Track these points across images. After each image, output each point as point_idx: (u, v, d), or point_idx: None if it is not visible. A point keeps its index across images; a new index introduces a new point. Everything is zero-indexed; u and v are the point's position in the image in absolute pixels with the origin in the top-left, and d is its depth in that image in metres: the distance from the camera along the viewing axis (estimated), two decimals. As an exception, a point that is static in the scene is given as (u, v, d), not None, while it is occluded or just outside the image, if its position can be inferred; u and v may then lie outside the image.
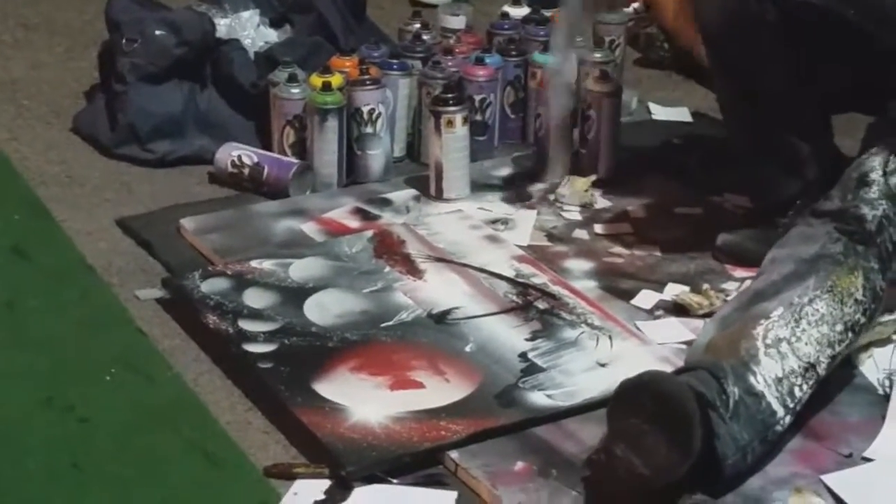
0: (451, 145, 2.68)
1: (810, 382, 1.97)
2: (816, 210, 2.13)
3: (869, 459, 1.97)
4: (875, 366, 2.16)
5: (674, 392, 1.84)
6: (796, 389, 1.95)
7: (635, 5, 3.50)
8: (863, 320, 2.04)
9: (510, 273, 2.41)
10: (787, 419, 1.95)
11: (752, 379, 1.93)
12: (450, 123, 2.67)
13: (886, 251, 2.07)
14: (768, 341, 1.96)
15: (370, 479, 1.92)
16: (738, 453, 1.89)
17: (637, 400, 1.85)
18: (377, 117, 2.74)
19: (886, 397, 2.08)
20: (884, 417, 2.04)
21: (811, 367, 1.97)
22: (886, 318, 2.18)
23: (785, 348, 1.96)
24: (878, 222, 2.07)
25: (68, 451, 1.98)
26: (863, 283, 2.03)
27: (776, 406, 1.93)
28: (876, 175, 2.11)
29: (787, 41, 2.36)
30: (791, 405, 1.95)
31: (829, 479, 1.92)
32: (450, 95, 2.71)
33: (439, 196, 2.70)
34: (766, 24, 2.33)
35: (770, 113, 2.45)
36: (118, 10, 2.99)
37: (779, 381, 1.94)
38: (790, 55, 2.39)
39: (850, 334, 2.02)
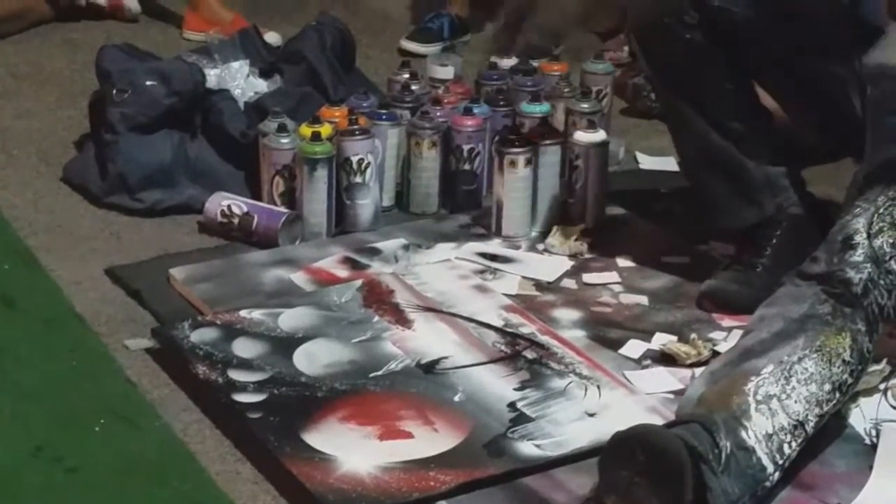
0: (513, 185, 2.74)
1: (799, 440, 1.98)
2: (803, 272, 2.14)
3: (856, 509, 1.98)
4: (862, 416, 2.17)
5: (665, 445, 1.85)
6: (785, 446, 1.96)
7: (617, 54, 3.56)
8: (850, 381, 2.05)
9: (499, 323, 2.41)
10: (776, 475, 1.96)
11: (743, 434, 1.94)
12: (512, 164, 2.74)
13: (873, 313, 2.08)
14: (759, 397, 1.97)
15: (359, 530, 1.92)
16: None
17: (629, 452, 1.86)
18: (366, 167, 2.76)
19: (873, 447, 2.09)
20: (871, 467, 2.04)
21: (800, 424, 1.98)
22: (873, 368, 2.19)
23: (775, 405, 1.97)
24: (864, 285, 2.08)
25: (58, 501, 1.98)
26: (850, 344, 2.05)
27: (766, 462, 1.94)
28: (860, 238, 2.12)
29: (717, 48, 2.43)
30: (780, 462, 1.96)
31: (817, 529, 1.94)
32: (514, 137, 2.78)
33: (498, 233, 2.76)
34: (689, 27, 2.40)
35: (708, 121, 2.48)
36: (108, 61, 3.02)
37: (769, 437, 1.95)
38: (720, 60, 2.43)
39: (837, 394, 2.03)
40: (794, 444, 1.97)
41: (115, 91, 2.89)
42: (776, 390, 1.98)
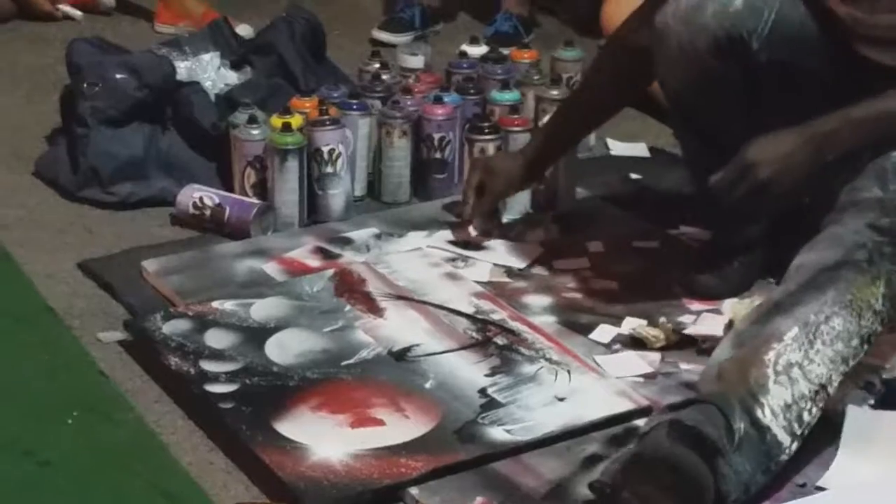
0: None
1: (820, 405, 1.95)
2: (854, 199, 2.05)
3: (822, 489, 1.99)
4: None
5: (695, 475, 1.84)
6: (805, 414, 1.93)
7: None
8: (879, 329, 2.00)
9: (470, 310, 2.43)
10: (794, 446, 1.93)
11: (758, 412, 1.91)
12: (483, 152, 2.79)
13: None
14: (779, 368, 1.93)
15: (331, 517, 1.93)
16: (741, 487, 1.89)
17: (655, 472, 1.85)
18: (337, 157, 2.77)
19: (839, 426, 2.11)
20: (837, 447, 2.06)
21: (822, 388, 1.95)
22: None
23: (796, 373, 1.93)
24: None
25: (30, 495, 1.99)
26: (884, 291, 1.99)
27: (782, 437, 1.91)
28: None
29: (751, 98, 2.35)
30: (798, 431, 1.93)
31: (783, 509, 1.95)
32: (484, 124, 2.79)
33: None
34: (731, 83, 2.32)
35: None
36: (79, 54, 3.02)
37: (787, 407, 1.92)
38: (752, 110, 2.36)
39: (865, 346, 1.99)
40: (814, 409, 1.94)
41: (85, 85, 2.90)
42: (798, 357, 1.93)
